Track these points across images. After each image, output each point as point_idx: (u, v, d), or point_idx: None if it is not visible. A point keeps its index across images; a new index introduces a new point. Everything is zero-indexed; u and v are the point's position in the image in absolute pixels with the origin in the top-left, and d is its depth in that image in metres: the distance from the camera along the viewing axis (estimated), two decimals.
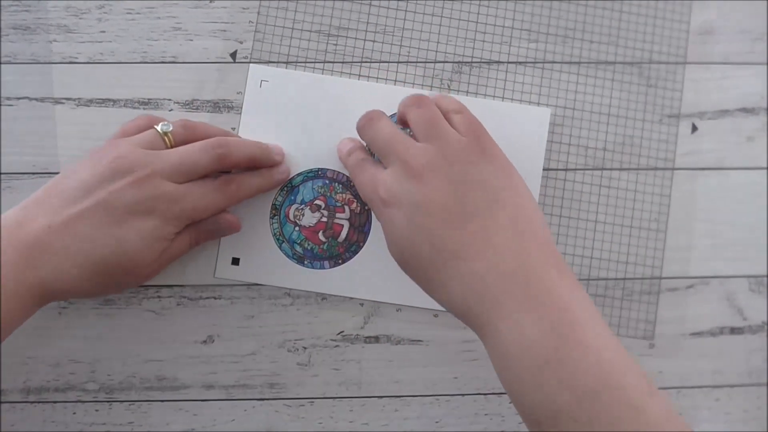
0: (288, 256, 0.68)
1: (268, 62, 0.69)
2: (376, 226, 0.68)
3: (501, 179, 0.58)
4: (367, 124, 0.62)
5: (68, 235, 0.56)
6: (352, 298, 0.68)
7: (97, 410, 0.67)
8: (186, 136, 0.63)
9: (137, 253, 0.58)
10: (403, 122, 0.63)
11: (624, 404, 0.49)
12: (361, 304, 0.68)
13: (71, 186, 0.58)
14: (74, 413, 0.67)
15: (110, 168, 0.58)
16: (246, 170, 0.65)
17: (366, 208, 0.68)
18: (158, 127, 0.62)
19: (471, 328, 0.56)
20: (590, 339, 0.51)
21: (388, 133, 0.60)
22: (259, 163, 0.65)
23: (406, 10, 0.70)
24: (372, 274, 0.68)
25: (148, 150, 0.60)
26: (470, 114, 0.62)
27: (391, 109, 0.67)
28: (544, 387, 0.51)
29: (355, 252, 0.68)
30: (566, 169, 0.70)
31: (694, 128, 0.71)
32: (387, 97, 0.68)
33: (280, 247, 0.68)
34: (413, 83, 0.70)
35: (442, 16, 0.70)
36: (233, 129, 0.68)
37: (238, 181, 0.64)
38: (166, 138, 0.62)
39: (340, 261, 0.68)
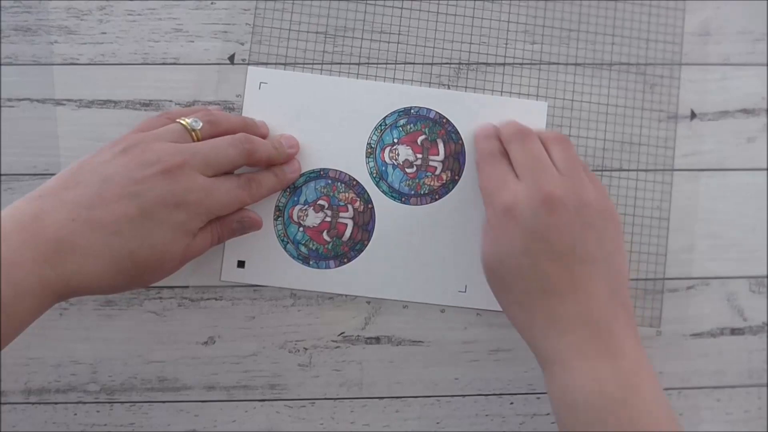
0: (293, 257, 0.68)
1: (267, 64, 0.69)
2: (380, 223, 0.68)
3: (614, 237, 0.61)
4: (521, 137, 0.63)
5: (93, 229, 0.54)
6: (354, 299, 0.68)
7: (98, 411, 0.67)
8: (212, 132, 0.62)
9: (165, 247, 0.57)
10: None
11: None
12: (368, 302, 0.68)
13: (94, 177, 0.56)
14: (75, 414, 0.67)
15: (138, 158, 0.57)
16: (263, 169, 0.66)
17: (369, 206, 0.68)
18: (187, 122, 0.61)
19: (537, 359, 0.59)
20: (652, 393, 0.56)
21: (539, 154, 0.62)
22: (274, 161, 0.66)
23: (402, 8, 0.70)
24: (377, 271, 0.68)
25: (176, 143, 0.59)
26: (594, 175, 0.65)
27: (390, 107, 0.68)
28: (612, 427, 0.54)
29: (360, 250, 0.68)
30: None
31: (693, 115, 0.71)
32: (387, 96, 0.69)
33: (285, 248, 0.68)
34: (411, 83, 0.69)
35: (438, 20, 0.70)
36: None
37: (258, 179, 0.64)
38: (194, 134, 0.61)
39: (345, 260, 0.68)
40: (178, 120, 0.62)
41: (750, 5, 0.72)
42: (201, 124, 0.62)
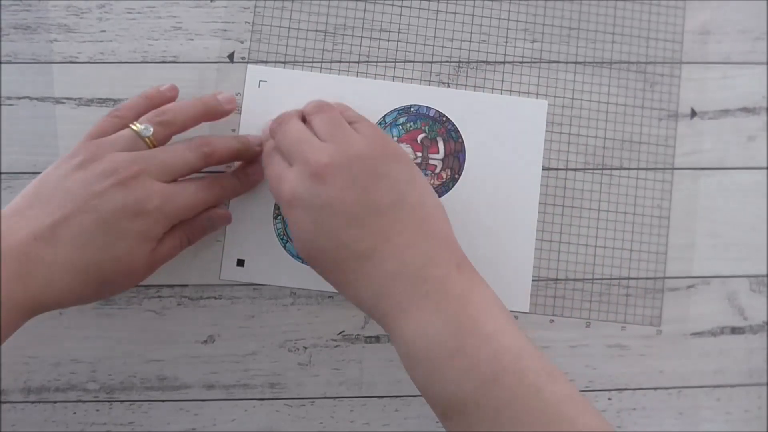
0: (293, 256, 0.68)
1: (266, 62, 0.69)
2: None
3: (403, 176, 0.58)
4: (277, 125, 0.62)
5: (56, 243, 0.55)
6: None
7: (97, 410, 0.67)
8: (166, 133, 0.62)
9: (129, 257, 0.57)
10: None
11: (523, 386, 0.51)
12: None
13: (54, 193, 0.57)
14: (75, 413, 0.67)
15: (95, 170, 0.57)
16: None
17: None
18: (138, 130, 0.60)
19: (378, 323, 0.57)
20: (489, 329, 0.53)
21: (296, 133, 0.60)
22: (240, 156, 0.65)
23: (402, 6, 0.70)
24: None
25: (131, 152, 0.59)
26: (371, 122, 0.62)
27: (390, 105, 0.68)
28: (450, 379, 0.52)
29: None
30: (566, 169, 0.70)
31: (693, 113, 0.71)
32: (386, 94, 0.69)
33: (284, 247, 0.68)
34: (411, 81, 0.69)
35: (438, 17, 0.70)
36: (233, 130, 0.68)
37: (222, 180, 0.64)
38: (146, 140, 0.60)
39: None
40: (130, 126, 0.61)
41: (750, 4, 0.72)
42: (151, 129, 0.61)
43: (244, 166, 0.66)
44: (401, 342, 0.55)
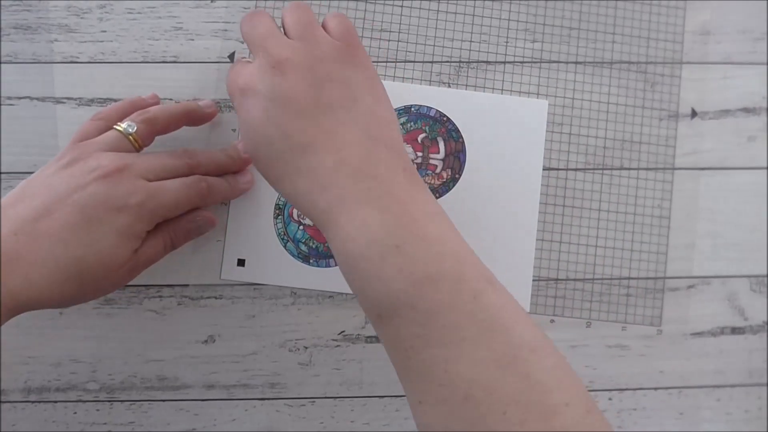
0: (293, 256, 0.68)
1: None
2: None
3: (363, 83, 0.57)
4: (247, 19, 0.60)
5: (37, 240, 0.54)
6: (354, 297, 0.68)
7: (98, 410, 0.67)
8: (150, 131, 0.62)
9: (111, 252, 0.57)
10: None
11: (460, 291, 0.50)
12: None
13: (39, 191, 0.57)
14: (75, 413, 0.67)
15: (81, 168, 0.57)
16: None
17: None
18: (121, 128, 0.61)
19: (317, 225, 0.55)
20: (432, 232, 0.52)
21: (264, 28, 0.58)
22: (228, 169, 0.65)
23: (403, 7, 0.70)
24: None
25: (117, 151, 0.59)
26: (347, 20, 0.60)
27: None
28: (384, 277, 0.50)
29: None
30: (567, 169, 0.70)
31: (694, 113, 0.71)
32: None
33: (285, 247, 0.68)
34: (412, 81, 0.69)
35: (438, 17, 0.70)
36: (233, 130, 0.68)
37: (209, 181, 0.63)
38: (131, 138, 0.61)
39: None
40: (113, 126, 0.61)
41: (750, 4, 0.73)
42: (135, 126, 0.61)
43: (234, 173, 0.66)
44: (339, 241, 0.52)
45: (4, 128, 0.67)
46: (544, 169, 0.70)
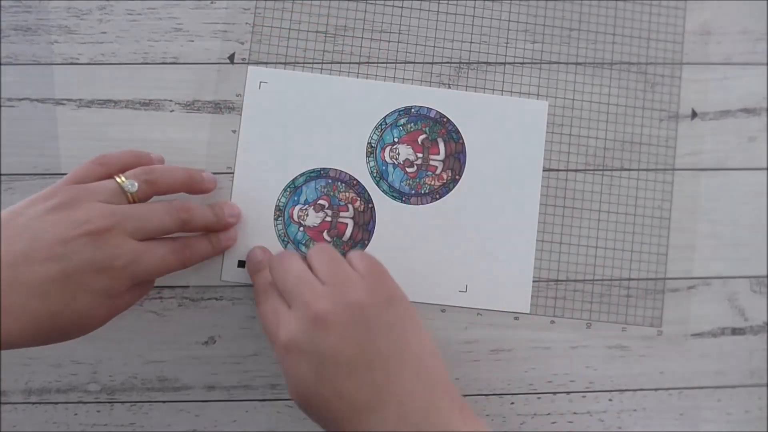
0: None
1: (267, 63, 0.69)
2: (380, 223, 0.68)
3: (404, 324, 0.58)
4: (277, 262, 0.61)
5: (15, 289, 0.52)
6: None
7: (98, 411, 0.67)
8: (149, 192, 0.61)
9: (88, 311, 0.55)
10: None
11: None
12: None
13: (22, 234, 0.54)
14: (75, 414, 0.67)
15: (68, 217, 0.55)
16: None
17: (369, 206, 0.68)
18: (123, 184, 0.59)
19: None
20: None
21: (297, 273, 0.59)
22: (214, 228, 0.65)
23: (403, 8, 0.70)
24: None
25: (109, 204, 0.58)
26: (369, 255, 0.61)
27: (390, 106, 0.68)
28: None
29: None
30: (567, 170, 0.70)
31: (694, 114, 0.71)
32: (387, 95, 0.69)
33: (285, 248, 0.68)
34: (412, 82, 0.69)
35: (438, 18, 0.70)
36: (233, 131, 0.68)
37: (192, 247, 0.62)
38: (129, 196, 0.59)
39: None
40: (114, 177, 0.60)
41: (751, 5, 0.72)
42: (137, 186, 0.59)
43: (217, 231, 0.66)
44: None
45: (4, 130, 0.67)
46: (544, 170, 0.70)
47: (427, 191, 0.68)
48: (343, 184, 0.68)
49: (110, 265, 0.55)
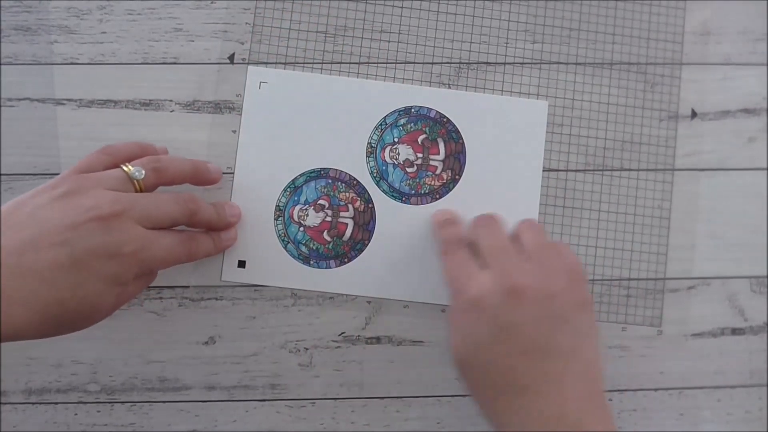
0: (294, 257, 0.68)
1: (267, 63, 0.69)
2: (380, 223, 0.69)
3: (585, 329, 0.58)
4: (485, 224, 0.62)
5: (22, 276, 0.52)
6: (354, 299, 0.68)
7: (98, 411, 0.67)
8: (156, 181, 0.61)
9: (95, 298, 0.55)
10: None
11: None
12: (369, 302, 0.68)
13: (29, 221, 0.54)
14: (76, 414, 0.67)
15: (75, 203, 0.55)
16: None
17: (369, 206, 0.68)
18: (129, 171, 0.59)
19: None
20: None
21: (502, 241, 0.60)
22: (214, 227, 0.65)
23: (402, 8, 0.70)
24: (378, 271, 0.68)
25: (118, 191, 0.57)
26: (573, 254, 0.61)
27: (390, 106, 0.68)
28: None
29: (361, 250, 0.68)
30: (567, 170, 0.70)
31: (694, 114, 0.71)
32: (387, 95, 0.69)
33: (285, 248, 0.68)
34: (412, 82, 0.69)
35: (438, 18, 0.70)
36: (234, 131, 0.68)
37: (198, 241, 0.63)
38: (136, 183, 0.59)
39: (345, 260, 0.68)
40: (121, 166, 0.60)
41: (751, 5, 0.72)
42: (144, 173, 0.59)
43: (219, 230, 0.66)
44: None
45: (4, 130, 0.67)
46: (544, 170, 0.70)
47: (427, 191, 0.68)
48: (343, 184, 0.68)
49: (118, 250, 0.55)
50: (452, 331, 0.59)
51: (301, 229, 0.68)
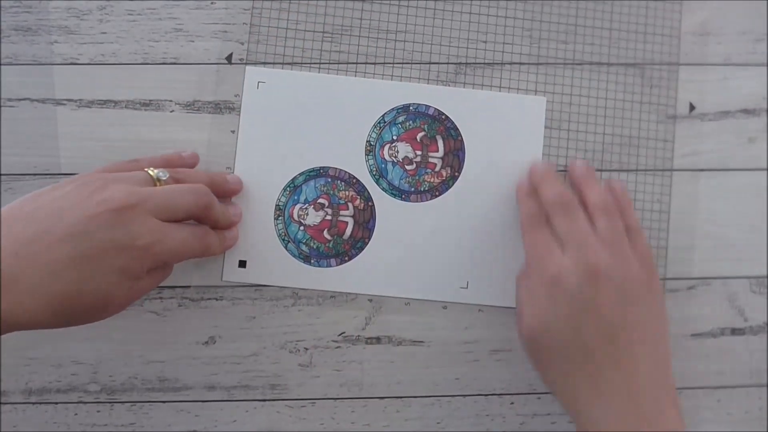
0: (294, 256, 0.68)
1: (266, 63, 0.69)
2: (380, 221, 0.69)
3: (657, 314, 0.63)
4: (564, 208, 0.64)
5: (36, 266, 0.52)
6: (355, 297, 0.68)
7: (98, 411, 0.67)
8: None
9: (108, 291, 0.55)
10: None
11: None
12: (370, 300, 0.68)
13: (45, 212, 0.54)
14: (76, 414, 0.67)
15: (92, 195, 0.55)
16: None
17: (369, 204, 0.68)
18: (154, 173, 0.60)
19: (577, 426, 0.60)
20: None
21: (583, 224, 0.63)
22: (220, 224, 0.65)
23: (400, 5, 0.70)
24: (379, 269, 0.68)
25: (133, 185, 0.58)
26: (645, 238, 0.66)
27: (389, 104, 0.69)
28: None
29: (361, 248, 0.68)
30: (566, 170, 0.70)
31: (693, 115, 0.71)
32: (385, 93, 0.69)
33: (285, 248, 0.68)
34: (410, 81, 0.70)
35: (435, 16, 0.70)
36: (233, 132, 0.68)
37: (209, 235, 0.63)
38: (158, 184, 0.59)
39: (346, 258, 0.68)
40: (145, 169, 0.60)
41: (750, 5, 0.73)
42: (168, 175, 0.60)
43: (222, 229, 0.66)
44: None
45: (4, 130, 0.67)
46: None
47: (426, 188, 0.68)
48: (343, 183, 0.68)
49: (131, 243, 0.55)
50: (525, 307, 0.62)
51: (302, 228, 0.68)
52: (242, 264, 0.68)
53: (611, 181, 0.68)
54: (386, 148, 0.69)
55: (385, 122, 0.69)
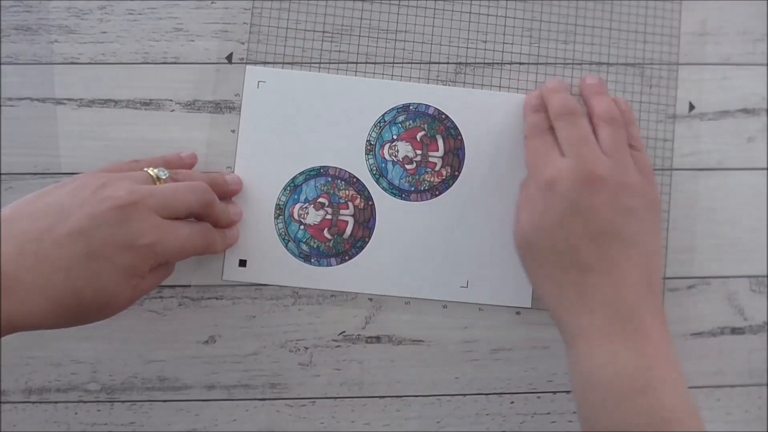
0: (294, 255, 0.68)
1: (266, 63, 0.69)
2: (380, 220, 0.69)
3: (651, 226, 0.63)
4: (569, 115, 0.64)
5: (39, 265, 0.52)
6: (355, 297, 0.68)
7: (98, 410, 0.67)
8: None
9: (111, 289, 0.55)
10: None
11: None
12: (370, 299, 0.68)
13: (48, 210, 0.54)
14: (76, 413, 0.67)
15: (95, 192, 0.55)
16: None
17: (369, 203, 0.68)
18: (154, 172, 0.60)
19: (562, 336, 0.61)
20: (674, 377, 0.58)
21: (584, 132, 0.63)
22: (221, 223, 0.65)
23: (400, 5, 0.70)
24: (379, 268, 0.68)
25: (135, 183, 0.58)
26: (646, 156, 0.66)
27: (389, 104, 0.69)
28: (622, 412, 0.56)
29: (361, 248, 0.68)
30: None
31: (693, 115, 0.71)
32: (385, 92, 0.69)
33: (286, 247, 0.68)
34: (410, 80, 0.70)
35: (435, 16, 0.70)
36: (233, 131, 0.68)
37: (214, 232, 0.63)
38: (158, 182, 0.59)
39: (346, 257, 0.68)
40: (145, 169, 0.60)
41: (750, 5, 0.73)
42: (167, 174, 0.60)
43: (223, 228, 0.66)
44: (583, 363, 0.58)
45: (5, 129, 0.67)
46: None
47: (426, 188, 0.68)
48: (343, 182, 0.68)
49: (134, 241, 0.55)
50: (522, 211, 0.63)
51: (302, 227, 0.68)
52: (242, 263, 0.68)
53: (618, 99, 0.68)
54: (386, 147, 0.69)
55: (385, 122, 0.69)
